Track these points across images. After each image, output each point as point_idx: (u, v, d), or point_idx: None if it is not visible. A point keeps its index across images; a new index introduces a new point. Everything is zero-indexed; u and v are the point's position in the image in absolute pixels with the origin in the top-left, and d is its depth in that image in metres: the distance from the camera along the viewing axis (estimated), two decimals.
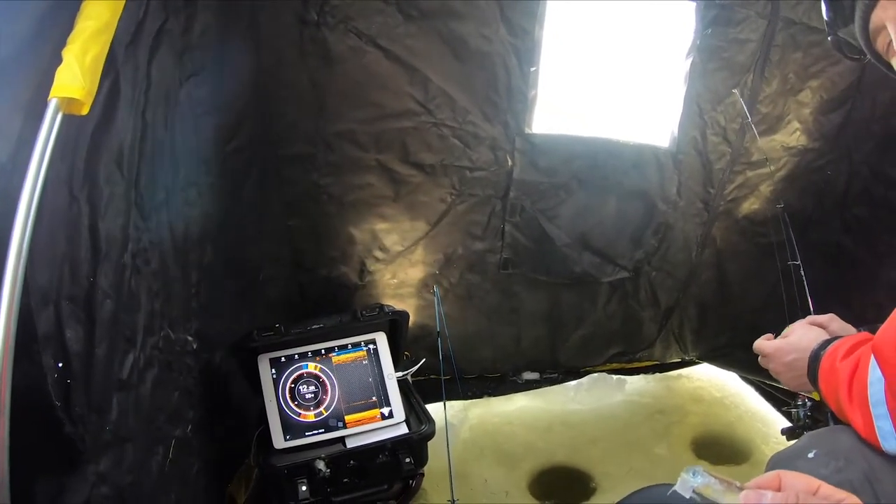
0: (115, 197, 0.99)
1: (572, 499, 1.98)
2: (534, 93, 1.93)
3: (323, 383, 1.56)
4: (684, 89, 2.03)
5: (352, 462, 1.48)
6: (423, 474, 1.67)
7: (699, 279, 2.44)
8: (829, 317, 1.09)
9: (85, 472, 0.91)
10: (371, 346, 1.63)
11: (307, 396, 1.54)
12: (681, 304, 2.49)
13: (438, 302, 1.91)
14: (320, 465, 1.42)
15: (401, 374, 1.64)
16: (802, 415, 1.15)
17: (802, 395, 1.17)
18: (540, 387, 2.42)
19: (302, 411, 1.52)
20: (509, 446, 2.16)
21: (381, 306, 1.65)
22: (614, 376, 2.51)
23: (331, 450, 1.47)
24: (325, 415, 1.53)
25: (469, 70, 1.86)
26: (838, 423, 0.96)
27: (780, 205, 1.77)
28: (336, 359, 1.60)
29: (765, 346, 1.10)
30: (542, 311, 2.35)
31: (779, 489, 0.62)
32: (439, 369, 1.79)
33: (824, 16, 0.89)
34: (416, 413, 1.62)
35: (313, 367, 1.57)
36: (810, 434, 1.00)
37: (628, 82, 2.03)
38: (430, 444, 1.59)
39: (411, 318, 1.81)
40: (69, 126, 0.82)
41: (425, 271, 2.16)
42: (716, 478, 0.57)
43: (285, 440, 1.47)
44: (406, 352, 1.85)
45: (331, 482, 1.45)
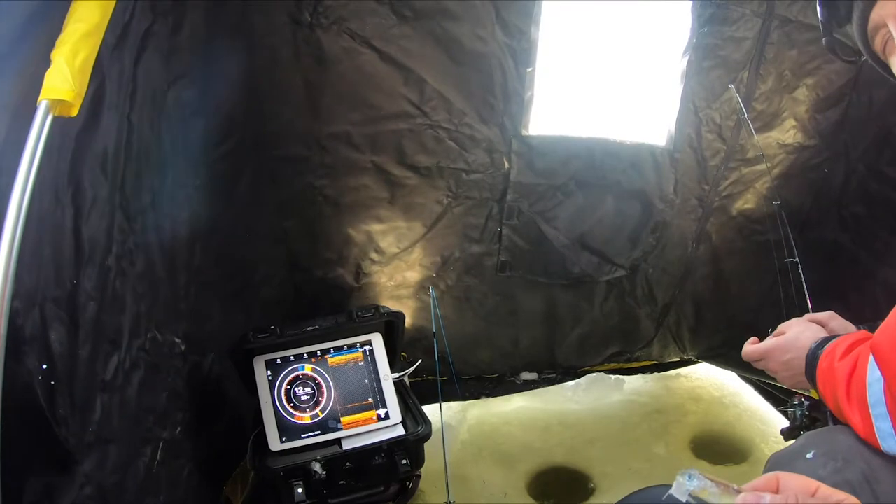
0: (99, 200, 0.99)
1: (571, 499, 1.97)
2: (530, 94, 1.92)
3: (319, 385, 1.56)
4: (681, 88, 2.02)
5: (348, 464, 1.48)
6: (419, 476, 1.66)
7: (695, 275, 2.44)
8: (829, 314, 1.08)
9: (73, 473, 0.92)
10: (367, 348, 1.62)
11: (303, 398, 1.53)
12: (677, 301, 2.49)
13: (434, 302, 1.91)
14: (316, 467, 1.41)
15: (397, 376, 1.63)
16: (799, 414, 1.14)
17: (799, 395, 1.16)
18: (538, 387, 2.41)
19: (298, 413, 1.51)
20: (507, 447, 2.15)
21: (377, 307, 1.65)
22: (612, 376, 2.50)
23: (327, 452, 1.47)
24: (321, 416, 1.52)
25: (465, 71, 1.84)
26: (837, 423, 0.95)
27: (776, 202, 1.76)
28: (332, 360, 1.59)
29: (754, 350, 1.08)
30: (539, 311, 2.35)
31: (776, 491, 0.62)
32: (436, 370, 1.78)
33: (819, 17, 0.88)
34: (412, 414, 1.61)
35: (309, 369, 1.57)
36: (809, 434, 0.99)
37: (625, 82, 2.02)
38: (427, 445, 1.58)
39: (408, 320, 1.80)
40: (54, 129, 0.81)
41: (422, 274, 2.15)
42: (712, 480, 0.56)
43: (281, 442, 1.46)
44: (403, 353, 1.84)
45: (327, 484, 1.45)
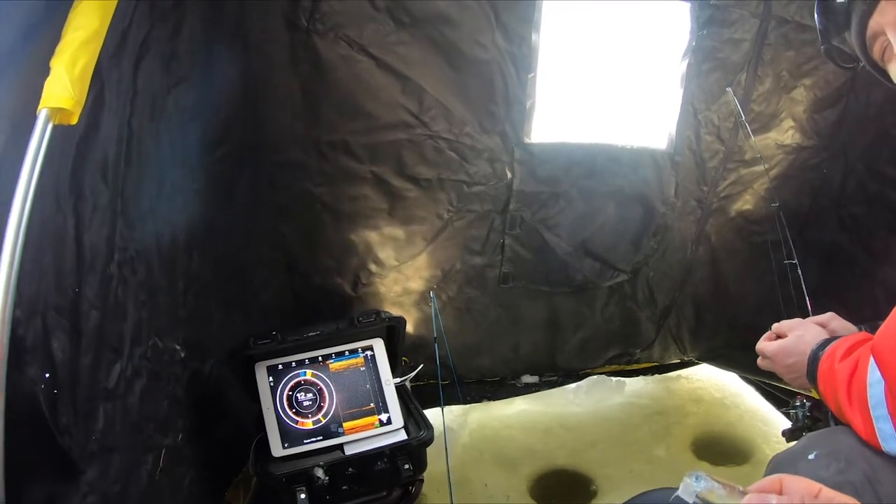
0: (100, 207, 0.99)
1: (573, 502, 1.97)
2: (531, 101, 1.90)
3: (321, 390, 1.56)
4: (681, 91, 2.02)
5: (350, 469, 1.47)
6: (422, 480, 1.66)
7: (694, 277, 2.43)
8: (830, 315, 1.09)
9: (78, 483, 0.91)
10: (368, 353, 1.62)
11: (305, 404, 1.53)
12: (677, 303, 2.49)
13: (434, 305, 1.90)
14: (319, 472, 1.41)
15: (399, 381, 1.63)
16: (801, 415, 1.15)
17: (800, 395, 1.16)
18: (539, 390, 2.41)
19: (300, 419, 1.51)
20: (509, 450, 2.15)
21: (378, 312, 1.64)
22: (613, 378, 2.50)
23: (329, 457, 1.46)
24: (324, 422, 1.52)
25: (465, 79, 1.81)
26: (838, 424, 0.95)
27: (775, 203, 1.77)
28: (333, 366, 1.59)
29: (766, 347, 1.09)
30: (541, 319, 2.33)
31: (780, 493, 0.62)
32: (437, 374, 1.77)
33: (817, 24, 0.88)
34: (414, 419, 1.61)
35: (311, 375, 1.56)
36: (810, 435, 0.99)
37: (625, 86, 2.01)
38: (429, 449, 1.58)
39: (407, 330, 1.78)
40: (55, 137, 0.81)
41: (421, 285, 2.11)
42: (718, 482, 0.56)
43: (283, 448, 1.46)
44: (404, 358, 1.84)
45: (330, 490, 1.44)
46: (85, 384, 0.94)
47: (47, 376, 0.85)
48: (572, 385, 2.46)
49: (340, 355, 1.60)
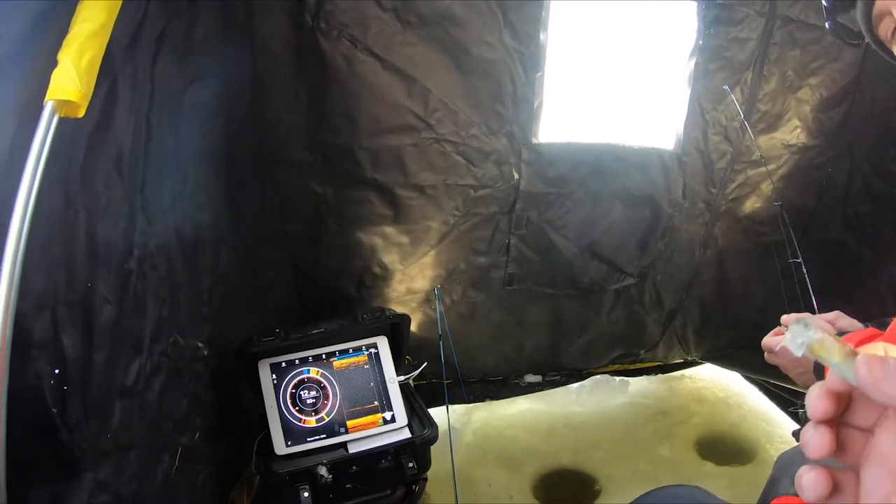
0: (115, 201, 0.97)
1: (576, 501, 1.96)
2: (539, 100, 1.88)
3: (324, 388, 1.55)
4: (688, 91, 2.01)
5: (354, 467, 1.47)
6: (426, 479, 1.65)
7: (701, 279, 2.43)
8: (836, 314, 1.08)
9: (82, 480, 0.90)
10: (372, 351, 1.61)
11: (308, 402, 1.53)
12: (684, 305, 2.48)
13: (439, 301, 1.89)
14: (322, 470, 1.40)
15: (402, 379, 1.62)
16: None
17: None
18: (542, 389, 2.41)
19: (303, 417, 1.51)
20: (513, 449, 2.15)
21: (383, 310, 1.64)
22: (617, 378, 2.50)
23: (333, 455, 1.46)
24: (327, 420, 1.51)
25: (472, 80, 1.78)
26: None
27: (777, 202, 1.76)
28: (337, 363, 1.58)
29: (773, 341, 1.09)
30: (545, 321, 2.32)
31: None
32: (441, 373, 1.77)
33: (823, 1, 0.87)
34: (418, 417, 1.60)
35: (314, 373, 1.56)
36: None
37: (632, 86, 2.01)
38: (433, 448, 1.57)
39: (412, 334, 1.77)
40: (65, 129, 0.80)
41: (426, 286, 2.10)
42: (831, 335, 0.41)
43: (287, 446, 1.46)
44: (407, 356, 1.83)
45: (333, 488, 1.43)
46: (98, 381, 0.92)
47: (56, 372, 0.83)
48: (576, 385, 2.46)
49: (344, 353, 1.60)
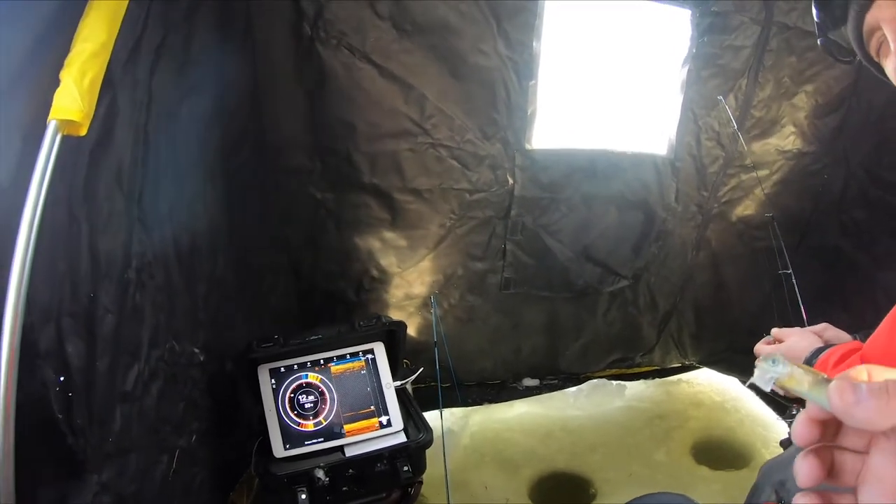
0: (115, 214, 1.01)
1: None
2: (533, 107, 1.91)
3: (322, 393, 1.58)
4: (681, 97, 2.03)
5: (351, 471, 1.49)
6: (421, 482, 1.67)
7: (695, 282, 2.44)
8: (823, 326, 1.10)
9: (87, 482, 0.93)
10: (369, 356, 1.64)
11: (306, 406, 1.55)
12: (678, 308, 2.50)
13: (435, 307, 1.92)
14: (319, 473, 1.43)
15: (399, 384, 1.65)
16: None
17: (797, 405, 1.17)
18: (540, 393, 2.43)
19: (301, 421, 1.53)
20: (510, 453, 2.17)
21: (379, 317, 1.66)
22: (614, 382, 2.51)
23: (330, 459, 1.49)
24: (325, 424, 1.54)
25: (467, 86, 1.82)
26: None
27: (769, 214, 1.77)
28: (335, 369, 1.61)
29: (763, 350, 1.10)
30: (542, 324, 2.35)
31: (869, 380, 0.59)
32: (437, 377, 1.79)
33: (815, 18, 0.89)
34: (414, 421, 1.63)
35: (312, 378, 1.59)
36: None
37: (626, 92, 2.03)
38: (429, 451, 1.60)
39: (408, 335, 1.79)
40: (68, 146, 0.83)
41: (424, 291, 2.14)
42: (800, 367, 0.44)
43: (285, 449, 1.48)
44: (405, 360, 1.86)
45: (330, 490, 1.46)
46: (101, 387, 0.96)
47: (62, 380, 0.86)
48: (573, 388, 2.48)
49: (342, 358, 1.62)
